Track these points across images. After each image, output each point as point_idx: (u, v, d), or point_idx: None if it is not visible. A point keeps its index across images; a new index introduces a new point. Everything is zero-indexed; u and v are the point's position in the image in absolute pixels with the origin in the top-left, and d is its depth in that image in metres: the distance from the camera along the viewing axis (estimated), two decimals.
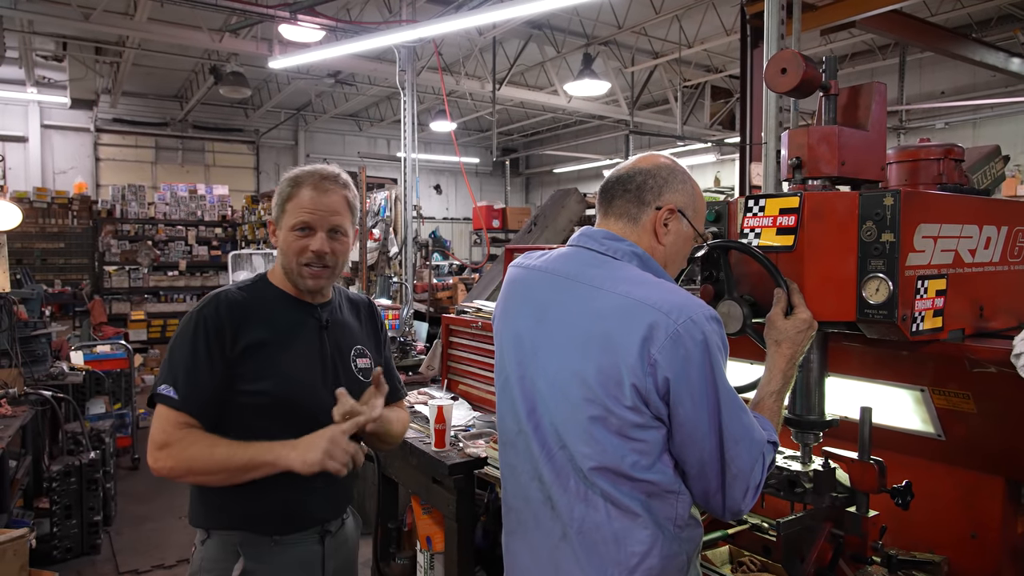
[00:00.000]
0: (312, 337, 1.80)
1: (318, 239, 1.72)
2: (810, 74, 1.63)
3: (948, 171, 1.95)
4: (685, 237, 1.56)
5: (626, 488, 1.41)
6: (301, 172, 1.78)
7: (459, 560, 2.90)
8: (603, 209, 1.61)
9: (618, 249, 1.52)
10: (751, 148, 5.89)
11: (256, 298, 1.77)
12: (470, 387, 3.60)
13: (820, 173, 1.65)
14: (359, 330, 1.94)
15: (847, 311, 1.55)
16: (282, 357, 1.73)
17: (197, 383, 1.64)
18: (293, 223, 1.72)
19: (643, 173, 1.55)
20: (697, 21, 9.89)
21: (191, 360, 1.65)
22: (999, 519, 1.76)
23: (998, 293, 1.76)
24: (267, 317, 1.75)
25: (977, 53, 7.98)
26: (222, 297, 1.74)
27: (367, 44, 6.00)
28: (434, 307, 7.28)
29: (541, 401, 1.52)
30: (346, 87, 13.00)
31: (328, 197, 1.74)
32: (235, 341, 1.67)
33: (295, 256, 1.73)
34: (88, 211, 11.29)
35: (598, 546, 1.44)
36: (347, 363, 1.85)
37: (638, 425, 1.38)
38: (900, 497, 1.60)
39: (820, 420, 1.70)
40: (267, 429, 1.64)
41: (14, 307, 4.51)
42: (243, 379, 1.67)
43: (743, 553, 2.05)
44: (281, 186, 1.78)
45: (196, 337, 1.66)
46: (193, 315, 1.72)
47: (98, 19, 8.24)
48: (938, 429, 1.78)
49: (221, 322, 1.68)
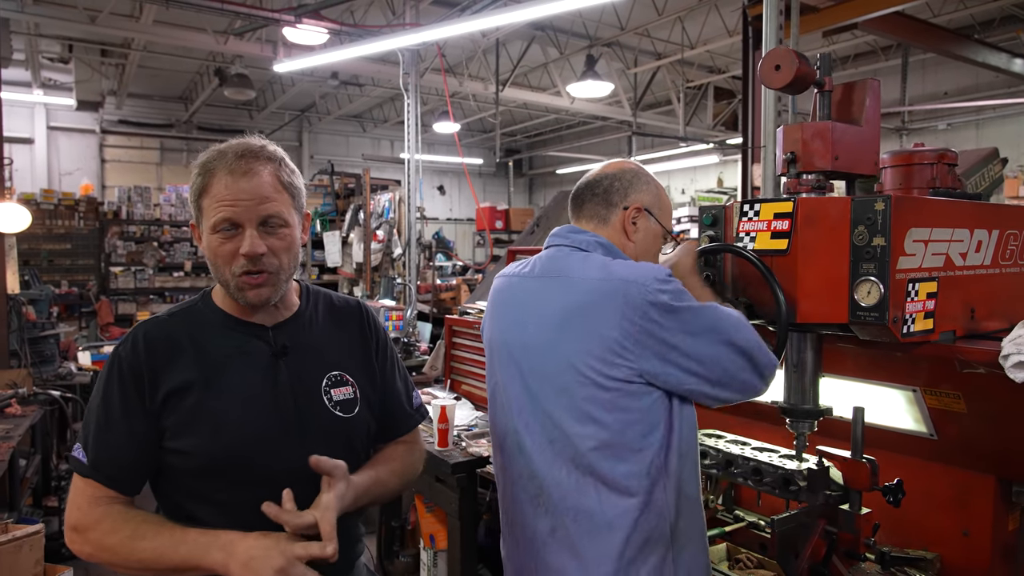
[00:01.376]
0: (260, 370, 1.39)
1: (247, 238, 1.32)
2: (803, 71, 1.66)
3: (941, 175, 1.99)
4: (654, 234, 1.69)
5: (624, 466, 1.49)
6: (213, 153, 1.36)
7: (462, 558, 2.94)
8: (575, 215, 1.74)
9: (584, 240, 1.63)
10: (753, 150, 5.93)
11: (188, 325, 1.39)
12: (473, 387, 3.64)
13: (814, 167, 1.69)
14: (339, 348, 1.50)
15: (840, 313, 1.59)
16: (214, 403, 1.33)
17: (110, 445, 1.30)
18: (213, 221, 1.32)
19: (609, 177, 1.69)
20: (700, 22, 9.92)
21: (103, 416, 1.31)
22: (990, 517, 1.80)
23: (989, 296, 1.79)
24: (197, 351, 1.36)
25: (980, 54, 8.00)
26: (140, 331, 1.37)
27: (371, 48, 6.05)
28: (437, 308, 7.32)
29: (532, 397, 1.59)
30: (350, 89, 13.06)
31: (251, 180, 1.32)
32: (155, 388, 1.32)
33: (226, 264, 1.34)
34: (94, 212, 11.36)
35: (596, 532, 1.50)
36: (316, 399, 1.42)
37: (633, 396, 1.48)
38: (892, 495, 1.64)
39: (815, 409, 1.74)
40: (214, 497, 1.32)
41: (23, 308, 4.56)
42: (169, 435, 1.32)
43: (740, 550, 2.09)
44: (192, 177, 1.36)
45: (110, 385, 1.32)
46: (112, 356, 1.37)
47: (104, 21, 8.31)
48: (930, 429, 1.81)
49: (138, 364, 1.32)
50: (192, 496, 1.33)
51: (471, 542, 2.97)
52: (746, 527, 2.14)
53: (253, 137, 1.39)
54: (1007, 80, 9.58)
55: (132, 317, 11.03)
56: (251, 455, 1.33)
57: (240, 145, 1.35)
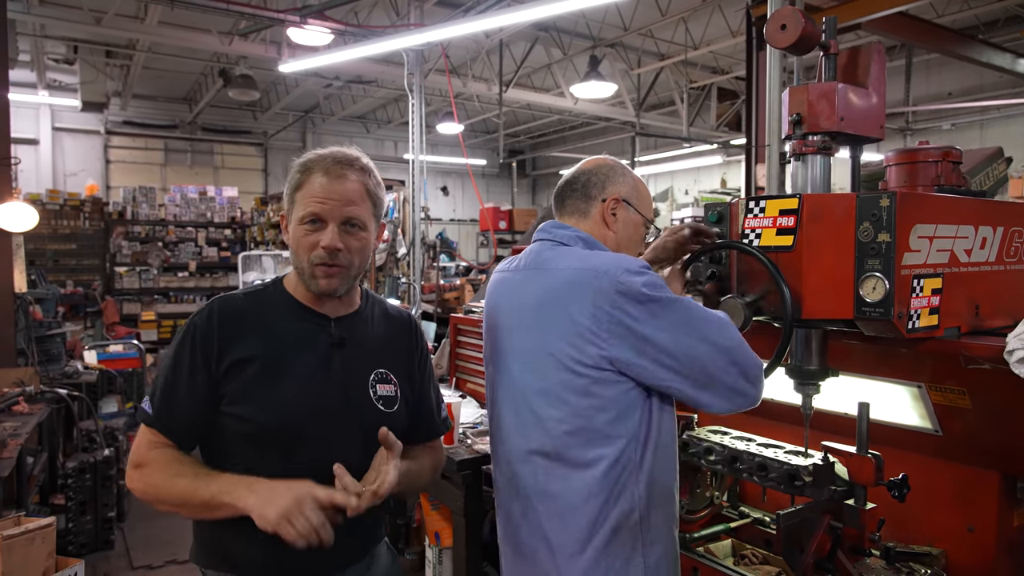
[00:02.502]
0: (319, 356, 1.53)
1: (329, 232, 1.47)
2: (809, 30, 1.67)
3: (946, 173, 2.00)
4: (634, 223, 1.75)
5: (593, 452, 1.54)
6: (313, 156, 1.54)
7: (467, 555, 2.95)
8: (558, 211, 1.80)
9: (565, 235, 1.70)
10: (757, 150, 5.94)
11: (259, 305, 1.54)
12: (478, 385, 3.65)
13: (819, 128, 1.69)
14: (388, 350, 1.65)
15: (845, 309, 1.60)
16: (273, 378, 1.47)
17: (173, 400, 1.46)
18: (302, 215, 1.49)
19: (587, 173, 1.76)
20: (703, 23, 9.93)
21: (171, 374, 1.47)
22: (995, 513, 1.80)
23: (994, 292, 1.80)
24: (265, 330, 1.51)
25: (984, 54, 7.99)
26: (216, 304, 1.53)
27: (376, 48, 6.07)
28: (441, 308, 7.34)
29: (514, 381, 1.67)
30: (354, 90, 13.09)
31: (342, 184, 1.49)
32: (221, 356, 1.46)
33: (306, 253, 1.49)
34: (100, 213, 11.42)
35: (565, 516, 1.56)
36: (363, 391, 1.56)
37: (603, 383, 1.52)
38: (896, 490, 1.65)
39: (820, 370, 1.74)
40: (264, 461, 1.44)
41: (30, 307, 4.59)
42: (228, 400, 1.47)
43: (745, 546, 2.10)
44: (291, 173, 1.54)
45: (182, 348, 1.47)
46: (187, 325, 1.52)
47: (109, 23, 8.35)
48: (935, 425, 1.82)
49: (210, 333, 1.47)
50: (238, 461, 1.44)
51: (476, 539, 2.98)
52: (751, 523, 2.15)
53: (351, 148, 1.56)
54: (1011, 80, 9.56)
55: (137, 317, 11.08)
56: (298, 431, 1.47)
57: (338, 153, 1.54)
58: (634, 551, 1.55)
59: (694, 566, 1.96)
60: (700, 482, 2.17)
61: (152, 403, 1.48)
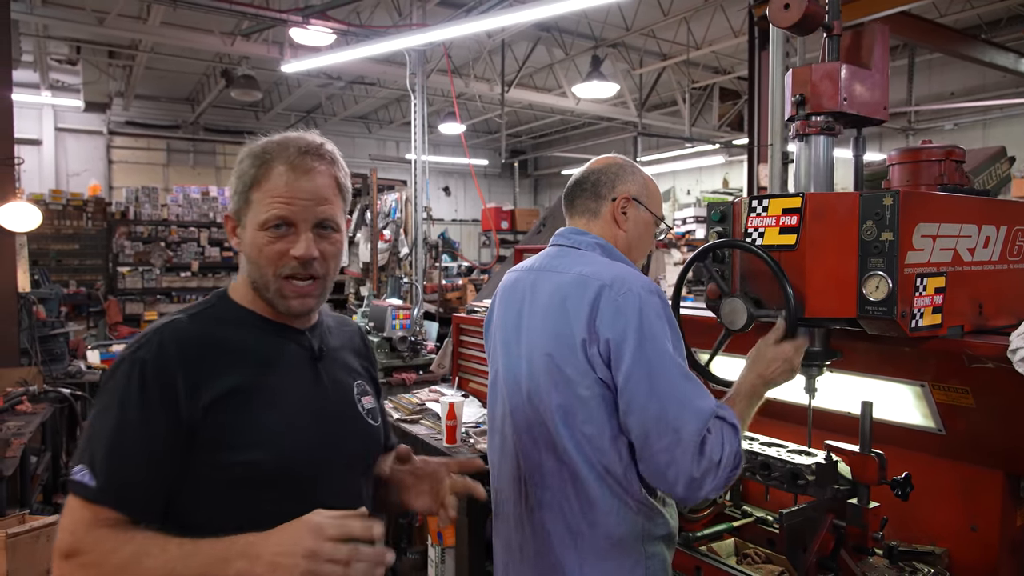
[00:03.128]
0: (306, 374, 1.30)
1: (303, 241, 1.23)
2: (812, 9, 1.67)
3: (949, 172, 2.00)
4: (645, 222, 1.76)
5: (592, 456, 1.53)
6: (270, 144, 1.26)
7: (470, 554, 2.95)
8: (568, 211, 1.80)
9: (583, 241, 1.71)
10: (759, 150, 5.93)
11: (220, 327, 1.25)
12: (480, 385, 3.66)
13: (822, 109, 1.70)
14: (354, 360, 1.45)
15: (848, 308, 1.60)
16: (268, 407, 1.22)
17: (126, 462, 1.12)
18: (265, 218, 1.22)
19: (596, 172, 1.76)
20: (705, 23, 9.93)
21: (118, 428, 1.13)
22: (998, 512, 1.80)
23: (998, 291, 1.80)
24: (240, 353, 1.23)
25: (987, 54, 7.98)
26: (168, 332, 1.20)
27: (379, 48, 6.08)
28: (444, 308, 7.34)
29: (521, 379, 1.67)
30: (356, 90, 13.10)
31: (311, 179, 1.24)
32: (194, 393, 1.15)
33: (271, 265, 1.23)
34: (102, 213, 11.43)
35: (567, 519, 1.57)
36: (353, 406, 1.37)
37: (594, 395, 1.51)
38: (900, 488, 1.65)
39: (824, 351, 1.74)
40: (264, 510, 1.14)
41: (33, 307, 4.60)
42: (215, 447, 1.16)
43: (748, 546, 2.10)
44: (241, 165, 1.26)
45: (127, 394, 1.14)
46: (124, 361, 1.18)
47: (112, 23, 8.37)
48: (938, 424, 1.82)
49: (168, 368, 1.15)
50: (226, 519, 1.12)
51: (479, 539, 2.98)
52: (754, 523, 2.15)
53: (309, 133, 1.29)
54: (1014, 80, 9.54)
55: (140, 317, 11.10)
56: (306, 463, 1.23)
57: (302, 140, 1.26)
58: (636, 565, 1.56)
59: (697, 565, 1.95)
60: None
61: (93, 471, 1.10)
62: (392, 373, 5.00)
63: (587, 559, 1.56)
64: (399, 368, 5.05)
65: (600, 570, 1.55)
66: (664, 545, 1.62)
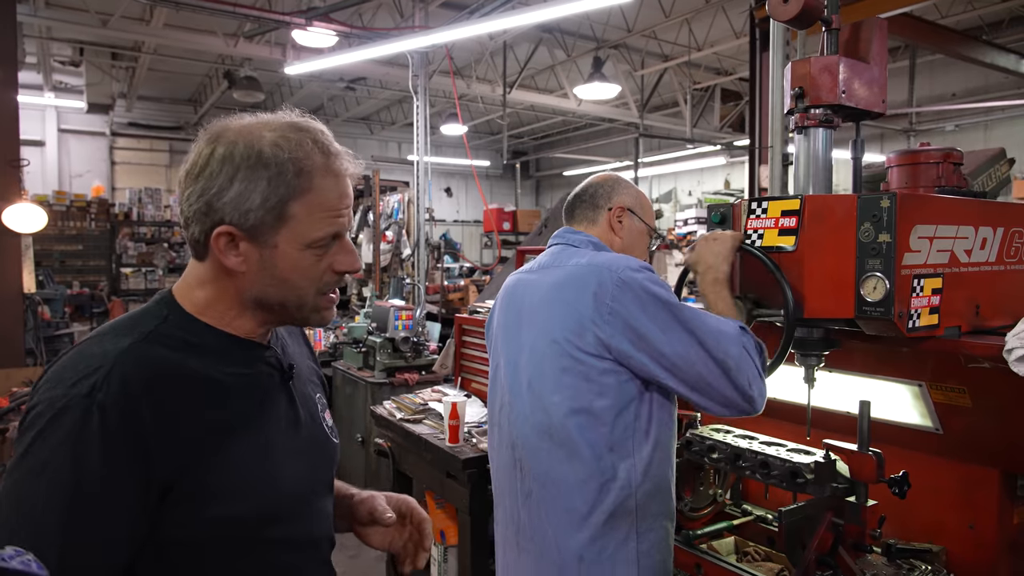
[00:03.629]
0: (280, 400, 1.13)
1: (351, 253, 1.10)
2: (811, 3, 1.69)
3: (947, 174, 2.02)
4: (639, 231, 1.91)
5: (592, 435, 1.63)
6: (298, 149, 1.04)
7: (472, 552, 2.98)
8: (568, 221, 1.96)
9: (577, 239, 1.86)
10: (760, 151, 5.96)
11: (182, 351, 1.01)
12: (482, 385, 3.68)
13: (821, 101, 1.73)
14: (310, 370, 1.29)
15: (846, 308, 1.62)
16: (254, 447, 1.05)
17: (88, 541, 0.89)
18: (318, 236, 1.05)
19: (594, 185, 1.93)
20: (707, 24, 9.95)
21: (72, 498, 0.88)
22: (996, 510, 1.82)
23: (994, 292, 1.81)
24: (213, 382, 1.02)
25: (988, 55, 8.00)
26: (128, 365, 0.95)
27: (381, 50, 6.11)
28: (446, 308, 7.38)
29: (521, 369, 1.78)
30: (358, 91, 13.13)
31: (349, 184, 1.10)
32: (170, 441, 0.94)
33: (313, 284, 1.07)
34: (106, 214, 11.49)
35: (563, 498, 1.66)
36: (322, 428, 1.22)
37: (602, 371, 1.62)
38: (897, 486, 1.66)
39: (823, 339, 1.76)
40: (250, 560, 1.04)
41: (38, 307, 4.63)
42: (190, 502, 0.97)
43: (748, 544, 2.12)
44: (267, 173, 1.01)
45: (81, 449, 0.89)
46: (68, 406, 0.91)
47: (115, 25, 8.41)
48: (936, 423, 1.84)
49: (136, 413, 0.92)
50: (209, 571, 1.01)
51: (482, 537, 3.00)
52: (754, 521, 2.17)
53: (294, 116, 1.12)
54: (1016, 81, 9.56)
55: None
56: (293, 502, 1.10)
57: (320, 132, 1.10)
58: (628, 536, 1.64)
59: (697, 562, 1.98)
60: (703, 480, 2.19)
61: (41, 556, 0.79)
62: (395, 373, 5.03)
63: (581, 533, 1.64)
64: (401, 368, 5.08)
65: (597, 543, 1.63)
66: (662, 522, 1.70)
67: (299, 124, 1.09)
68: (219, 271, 1.06)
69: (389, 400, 3.84)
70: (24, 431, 0.92)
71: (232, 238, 1.02)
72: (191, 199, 1.04)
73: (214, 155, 1.03)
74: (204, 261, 1.07)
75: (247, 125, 1.07)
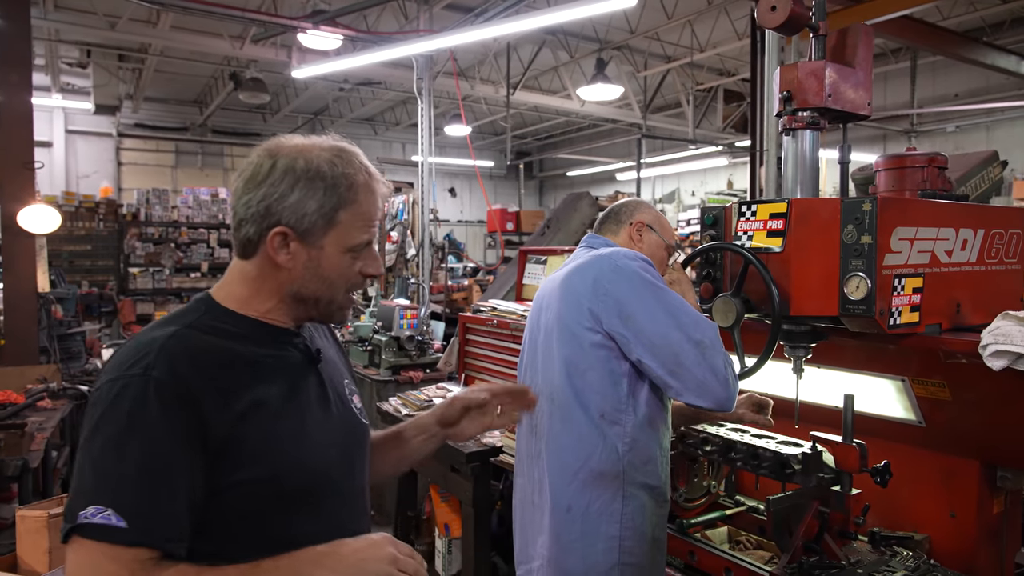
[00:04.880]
0: (310, 382, 1.26)
1: (377, 259, 1.29)
2: (797, 11, 1.79)
3: (931, 177, 2.10)
4: (657, 245, 2.08)
5: (585, 399, 1.82)
6: (348, 166, 1.22)
7: (476, 544, 3.07)
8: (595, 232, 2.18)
9: (598, 242, 2.07)
10: (762, 152, 6.02)
11: (222, 336, 1.17)
12: (486, 381, 3.77)
13: (808, 104, 1.82)
14: (337, 355, 1.42)
15: (831, 306, 1.70)
16: (289, 419, 1.18)
17: (161, 495, 1.03)
18: (357, 242, 1.22)
19: (619, 205, 2.17)
20: (709, 26, 10.02)
21: (142, 458, 1.03)
22: (975, 500, 1.90)
23: (975, 291, 1.89)
24: (251, 362, 1.17)
25: (989, 57, 8.05)
26: (176, 349, 1.10)
27: (387, 54, 6.20)
28: (450, 308, 7.47)
29: (538, 347, 2.01)
30: (362, 92, 13.23)
31: (381, 200, 1.28)
32: (222, 410, 1.08)
33: (345, 284, 1.25)
34: (114, 214, 11.62)
35: (560, 454, 1.86)
36: (349, 407, 1.34)
37: (592, 343, 1.81)
38: (879, 475, 1.75)
39: (809, 331, 1.84)
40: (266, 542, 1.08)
41: (51, 306, 4.73)
42: (235, 467, 1.10)
43: (740, 533, 2.21)
44: (323, 182, 1.18)
45: (144, 419, 1.03)
46: (130, 383, 1.05)
47: (123, 28, 8.52)
48: (919, 416, 1.92)
49: (191, 386, 1.07)
50: (238, 537, 1.11)
51: (485, 530, 3.09)
52: (746, 511, 2.26)
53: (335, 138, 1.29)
54: (1017, 82, 9.60)
55: (150, 317, 11.25)
56: (326, 476, 1.22)
57: (362, 155, 1.27)
58: (614, 499, 1.80)
59: (691, 550, 2.06)
60: (697, 472, 2.28)
61: (119, 510, 0.98)
62: (400, 371, 5.12)
63: (571, 486, 1.83)
64: (406, 366, 5.17)
65: (584, 496, 1.81)
66: (647, 494, 1.83)
67: (345, 147, 1.26)
68: (265, 268, 1.21)
69: (395, 397, 3.93)
70: (91, 410, 1.08)
71: (285, 238, 1.18)
72: (251, 203, 1.19)
73: (276, 166, 1.19)
74: (250, 259, 1.22)
75: (302, 143, 1.24)
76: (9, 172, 4.85)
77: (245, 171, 1.22)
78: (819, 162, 1.90)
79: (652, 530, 1.84)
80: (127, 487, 1.01)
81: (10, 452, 3.07)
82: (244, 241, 1.21)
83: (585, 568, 1.80)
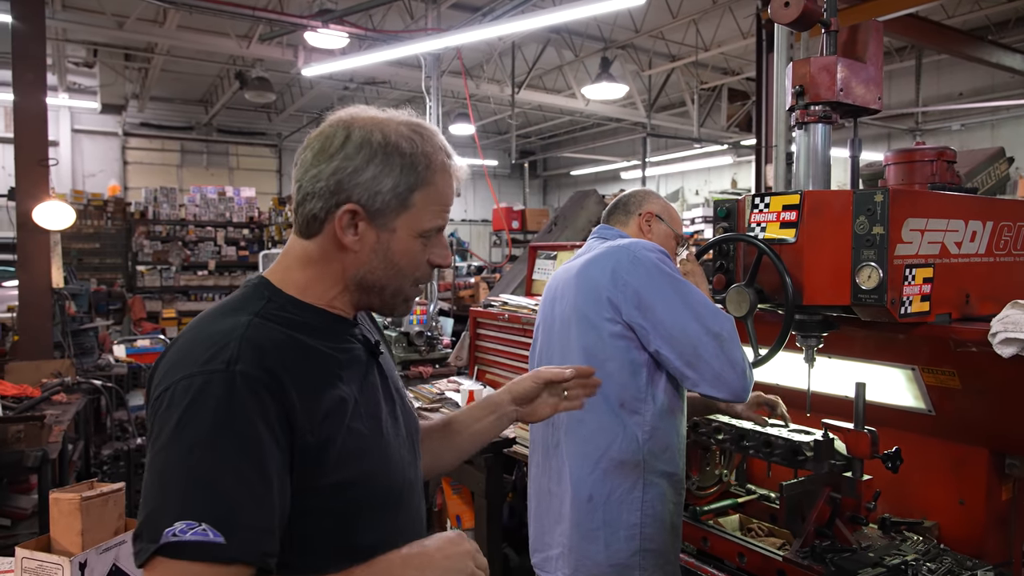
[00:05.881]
0: (374, 375, 1.17)
1: (446, 248, 1.18)
2: (810, 7, 1.83)
3: (940, 171, 2.13)
4: (667, 235, 2.11)
5: (606, 389, 1.79)
6: (427, 145, 1.11)
7: (488, 536, 3.10)
8: (605, 222, 2.19)
9: (610, 233, 2.10)
10: (767, 150, 6.05)
11: (295, 328, 1.06)
12: (497, 375, 3.81)
13: (820, 98, 1.86)
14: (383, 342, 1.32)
15: (843, 296, 1.74)
16: (367, 418, 1.10)
17: (263, 506, 0.94)
18: (429, 227, 1.12)
19: (627, 195, 2.19)
20: (714, 25, 10.05)
21: (237, 464, 0.92)
22: (984, 487, 1.94)
23: (984, 282, 1.92)
24: (326, 356, 1.08)
25: (994, 55, 8.05)
26: (255, 338, 1.00)
27: (395, 53, 6.25)
28: (457, 305, 7.51)
29: (553, 338, 2.04)
30: (367, 91, 13.28)
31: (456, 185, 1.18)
32: (312, 409, 1.00)
33: (414, 272, 1.14)
34: (122, 213, 11.69)
35: (581, 443, 1.89)
36: (406, 401, 1.27)
37: (612, 333, 1.84)
38: (891, 461, 1.79)
39: (824, 319, 1.87)
40: (344, 546, 1.05)
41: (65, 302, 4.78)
42: (322, 470, 1.02)
43: (752, 521, 2.25)
44: (401, 159, 1.08)
45: (233, 418, 0.93)
46: (211, 379, 0.94)
47: (131, 27, 8.57)
48: (928, 405, 1.95)
49: (279, 379, 0.98)
50: (316, 542, 1.04)
51: (497, 521, 3.13)
52: (757, 499, 2.29)
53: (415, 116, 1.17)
54: (1022, 81, 9.61)
55: (158, 314, 11.33)
56: (393, 478, 1.14)
57: (441, 134, 1.17)
58: (634, 487, 1.83)
59: (704, 536, 2.10)
60: (710, 460, 2.31)
61: (217, 524, 0.88)
62: (410, 367, 5.16)
63: (592, 475, 1.85)
64: (416, 362, 5.20)
65: (605, 485, 1.85)
66: (666, 482, 1.86)
67: (424, 124, 1.16)
68: (329, 249, 1.10)
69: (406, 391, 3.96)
70: (166, 411, 0.94)
71: (354, 216, 1.07)
72: (320, 176, 1.07)
73: (350, 139, 1.07)
74: (313, 238, 1.10)
75: (379, 116, 1.12)
76: (24, 169, 4.90)
77: (314, 142, 1.10)
78: (830, 157, 1.94)
79: (671, 517, 1.88)
80: (222, 497, 0.90)
81: (29, 444, 3.11)
82: (308, 218, 1.08)
83: (607, 555, 1.84)
